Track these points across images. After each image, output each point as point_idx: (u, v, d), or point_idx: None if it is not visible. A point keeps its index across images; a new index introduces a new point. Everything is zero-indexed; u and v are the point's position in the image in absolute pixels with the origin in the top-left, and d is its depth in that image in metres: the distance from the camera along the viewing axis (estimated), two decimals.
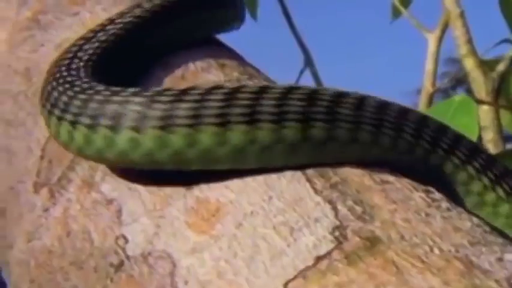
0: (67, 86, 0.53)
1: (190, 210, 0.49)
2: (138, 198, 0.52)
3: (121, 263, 0.50)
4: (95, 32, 0.62)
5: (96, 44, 0.59)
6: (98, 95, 0.51)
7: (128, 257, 0.50)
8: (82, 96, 0.51)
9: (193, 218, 0.49)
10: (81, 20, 0.73)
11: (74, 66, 0.57)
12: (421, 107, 1.28)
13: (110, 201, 0.54)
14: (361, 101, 0.50)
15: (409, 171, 0.50)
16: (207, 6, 0.69)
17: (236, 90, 0.49)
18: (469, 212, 0.50)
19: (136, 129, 0.49)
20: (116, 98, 0.50)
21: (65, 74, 0.56)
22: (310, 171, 0.50)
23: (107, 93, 0.51)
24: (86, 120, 0.50)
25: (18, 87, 0.70)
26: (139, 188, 0.53)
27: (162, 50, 0.64)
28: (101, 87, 0.52)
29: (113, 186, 0.55)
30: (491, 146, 1.14)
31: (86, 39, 0.61)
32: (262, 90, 0.49)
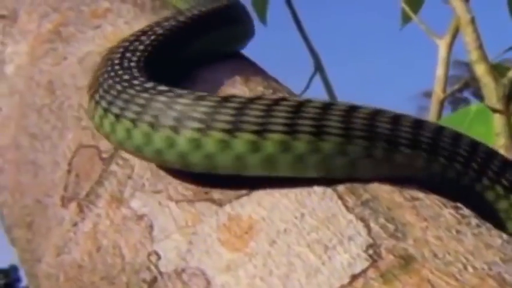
0: (137, 88, 0.55)
1: (223, 227, 0.50)
2: (169, 214, 0.53)
3: (154, 279, 0.50)
4: (124, 46, 0.62)
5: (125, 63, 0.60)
6: (162, 96, 0.52)
7: (161, 274, 0.50)
8: (162, 99, 0.53)
9: (226, 235, 0.49)
10: (103, 33, 0.74)
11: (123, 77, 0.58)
12: (432, 112, 1.28)
13: (140, 217, 0.54)
14: (396, 119, 0.51)
15: (438, 189, 0.51)
16: (232, 22, 0.71)
17: (302, 103, 0.50)
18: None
19: (200, 131, 0.50)
20: (181, 100, 0.51)
21: (126, 77, 0.57)
22: (341, 188, 0.50)
23: (189, 99, 0.52)
24: (147, 118, 0.52)
25: (42, 101, 0.71)
26: (170, 204, 0.54)
27: (190, 64, 0.65)
28: (180, 91, 0.53)
29: (142, 202, 0.55)
30: (503, 151, 1.15)
31: (115, 53, 0.61)
32: (328, 106, 0.51)
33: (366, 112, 0.51)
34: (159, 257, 0.51)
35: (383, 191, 0.50)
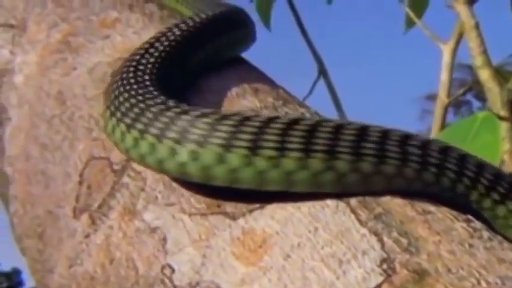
0: (160, 106, 0.55)
1: (237, 241, 0.50)
2: (183, 227, 0.53)
3: None
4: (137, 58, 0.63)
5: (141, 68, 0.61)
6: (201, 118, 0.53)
7: (175, 287, 0.51)
8: (206, 121, 0.53)
9: (240, 248, 0.50)
10: (113, 43, 0.74)
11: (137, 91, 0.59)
12: (436, 116, 1.29)
13: (153, 230, 0.55)
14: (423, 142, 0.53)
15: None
16: (234, 28, 0.72)
17: (340, 126, 0.52)
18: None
19: (250, 149, 0.51)
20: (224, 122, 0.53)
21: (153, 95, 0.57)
22: (353, 202, 0.51)
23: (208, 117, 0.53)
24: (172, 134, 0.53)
25: (52, 111, 0.71)
26: (183, 217, 0.54)
27: (195, 71, 0.66)
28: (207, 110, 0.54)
29: (156, 214, 0.55)
30: (508, 156, 1.15)
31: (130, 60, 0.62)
32: (364, 129, 0.52)
33: (399, 135, 0.53)
34: (173, 271, 0.52)
35: (395, 204, 0.51)
